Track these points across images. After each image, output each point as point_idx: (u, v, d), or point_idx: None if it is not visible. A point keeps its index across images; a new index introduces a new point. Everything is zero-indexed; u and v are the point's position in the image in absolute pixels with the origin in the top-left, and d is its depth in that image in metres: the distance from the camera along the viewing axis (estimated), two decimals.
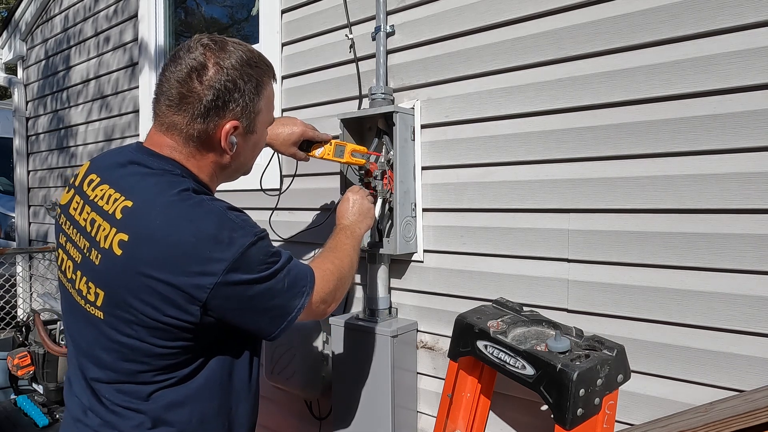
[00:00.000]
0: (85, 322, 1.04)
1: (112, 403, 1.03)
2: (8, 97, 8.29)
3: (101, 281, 1.00)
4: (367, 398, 1.77)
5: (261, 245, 1.03)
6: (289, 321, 1.07)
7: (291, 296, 1.07)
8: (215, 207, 1.02)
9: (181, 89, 1.03)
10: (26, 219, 4.60)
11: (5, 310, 4.08)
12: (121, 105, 3.43)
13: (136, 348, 0.99)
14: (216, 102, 1.04)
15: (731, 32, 1.26)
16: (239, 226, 1.01)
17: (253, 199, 2.40)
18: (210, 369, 1.07)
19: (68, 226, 1.10)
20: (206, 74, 1.03)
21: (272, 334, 1.07)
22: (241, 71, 1.07)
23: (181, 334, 0.99)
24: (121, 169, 1.08)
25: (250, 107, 1.09)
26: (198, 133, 1.06)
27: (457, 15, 1.74)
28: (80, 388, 1.07)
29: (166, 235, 0.96)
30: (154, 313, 0.96)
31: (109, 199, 1.02)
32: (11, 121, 4.72)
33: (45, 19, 4.31)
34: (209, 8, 3.42)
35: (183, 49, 1.06)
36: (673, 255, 1.34)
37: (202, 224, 0.98)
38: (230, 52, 1.07)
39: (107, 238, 0.99)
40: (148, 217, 0.98)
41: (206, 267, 0.96)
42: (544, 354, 1.22)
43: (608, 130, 1.44)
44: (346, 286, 1.25)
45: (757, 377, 1.23)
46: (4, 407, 2.58)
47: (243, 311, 1.02)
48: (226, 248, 0.97)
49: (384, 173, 1.77)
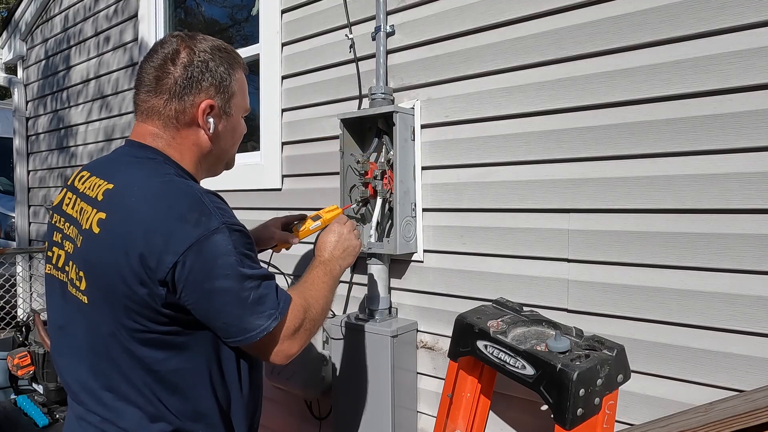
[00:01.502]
0: (77, 315, 1.05)
1: (111, 399, 1.03)
2: (8, 97, 8.29)
3: (83, 263, 1.02)
4: (367, 398, 1.77)
5: (232, 236, 1.00)
6: (248, 338, 1.01)
7: (254, 312, 1.00)
8: (191, 189, 1.03)
9: (156, 73, 1.10)
10: (26, 219, 4.60)
11: (5, 310, 4.08)
12: (121, 105, 3.43)
13: (118, 336, 0.99)
14: (189, 80, 1.10)
15: (731, 32, 1.26)
16: (210, 211, 1.00)
17: (253, 199, 2.41)
18: (201, 363, 1.06)
19: (62, 222, 1.11)
20: (179, 57, 1.10)
21: (228, 340, 1.03)
22: (212, 53, 1.13)
23: (156, 317, 0.99)
24: (109, 162, 1.14)
25: (224, 87, 1.14)
26: (175, 113, 1.10)
27: (457, 15, 1.74)
28: (77, 386, 1.07)
29: (139, 211, 0.98)
30: (128, 291, 0.96)
31: (93, 186, 1.06)
32: (11, 121, 4.72)
33: (45, 19, 4.31)
34: (209, 8, 3.42)
35: (158, 44, 1.14)
36: (673, 255, 1.34)
37: (174, 202, 0.99)
38: (201, 40, 1.14)
39: (88, 220, 1.02)
40: (126, 196, 1.01)
41: (170, 244, 0.95)
42: (544, 354, 1.22)
43: (608, 130, 1.44)
44: (315, 329, 1.15)
45: (757, 377, 1.23)
46: (4, 407, 2.58)
47: (200, 301, 0.98)
48: (192, 228, 0.97)
49: (384, 173, 1.77)
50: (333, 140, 2.08)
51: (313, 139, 2.18)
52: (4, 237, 6.23)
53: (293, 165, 2.29)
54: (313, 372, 1.97)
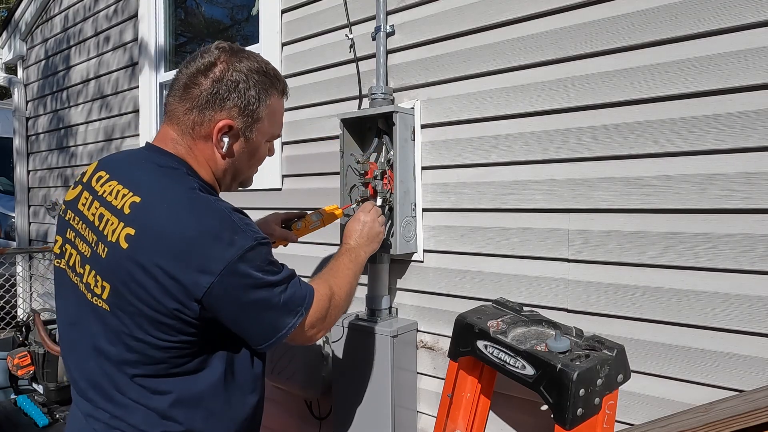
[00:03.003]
0: (92, 315, 1.05)
1: (121, 397, 1.03)
2: (8, 97, 8.29)
3: (107, 274, 1.02)
4: (367, 398, 1.77)
5: (261, 251, 1.03)
6: (278, 337, 1.06)
7: (284, 312, 1.06)
8: (220, 207, 1.04)
9: (187, 80, 1.10)
10: (26, 219, 4.60)
11: (5, 310, 4.08)
12: (121, 105, 3.43)
13: (141, 340, 1.00)
14: (214, 95, 1.09)
15: (731, 32, 1.26)
16: (241, 229, 1.02)
17: (253, 199, 2.41)
18: (214, 364, 1.08)
19: (77, 221, 1.11)
20: (212, 70, 1.10)
21: (260, 346, 1.07)
22: (247, 75, 1.11)
23: (184, 329, 1.00)
24: (129, 167, 1.11)
25: (249, 111, 1.12)
26: (192, 124, 1.10)
27: (457, 15, 1.74)
28: (86, 383, 1.07)
29: (170, 230, 0.98)
30: (157, 305, 0.97)
31: (117, 195, 1.05)
32: (11, 121, 4.72)
33: (45, 19, 4.32)
34: (209, 8, 3.42)
35: (201, 51, 1.13)
36: (673, 255, 1.34)
37: (205, 221, 1.00)
38: (242, 58, 1.12)
39: (114, 232, 1.01)
40: (155, 212, 1.00)
41: (206, 264, 0.97)
42: (544, 354, 1.22)
43: (608, 130, 1.44)
44: (339, 315, 1.23)
45: (757, 377, 1.23)
46: (4, 407, 2.58)
47: (236, 316, 1.03)
48: (227, 248, 0.99)
49: (384, 173, 1.77)
50: (333, 140, 2.08)
51: (313, 139, 2.18)
52: (4, 237, 6.23)
53: (293, 165, 2.29)
54: (313, 372, 1.97)
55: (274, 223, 1.56)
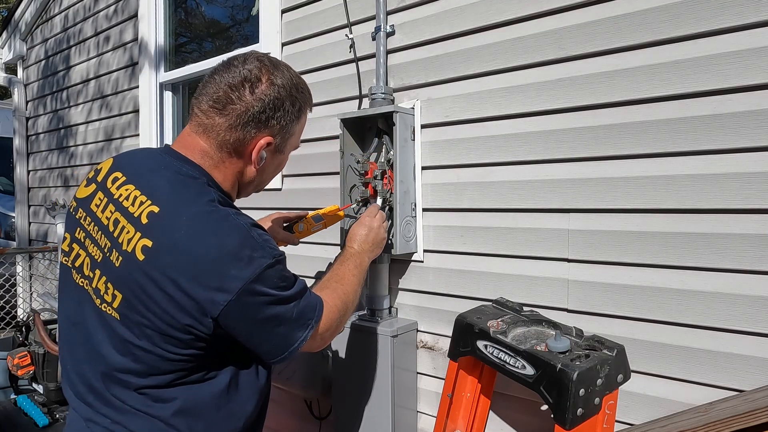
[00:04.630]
0: (99, 321, 1.04)
1: (122, 404, 1.03)
2: (8, 97, 8.29)
3: (120, 283, 1.00)
4: (367, 398, 1.77)
5: (278, 268, 1.03)
6: (290, 351, 1.07)
7: (297, 327, 1.07)
8: (240, 223, 1.02)
9: (231, 94, 1.07)
10: (26, 219, 4.60)
11: (5, 310, 4.09)
12: (121, 105, 3.43)
13: (149, 352, 0.99)
14: (261, 115, 1.09)
15: (731, 32, 1.26)
16: (260, 246, 1.01)
17: (253, 199, 2.40)
18: (219, 375, 1.08)
19: (88, 221, 1.08)
20: (259, 86, 1.09)
21: (272, 360, 1.08)
22: (289, 92, 1.13)
23: (194, 343, 1.00)
24: (148, 171, 1.08)
25: (287, 128, 1.15)
26: (233, 141, 1.09)
27: (457, 15, 1.74)
28: (85, 387, 1.07)
29: (189, 246, 0.97)
30: (170, 320, 0.97)
31: (134, 201, 1.02)
32: (11, 121, 4.72)
33: (45, 18, 4.32)
34: (209, 8, 3.42)
35: (237, 59, 1.11)
36: (673, 255, 1.34)
37: (225, 239, 0.98)
38: (282, 72, 1.13)
39: (131, 242, 0.99)
40: (174, 226, 0.98)
41: (223, 283, 0.96)
42: (544, 354, 1.22)
43: (608, 130, 1.44)
44: (345, 322, 1.25)
45: (757, 377, 1.23)
46: (4, 407, 2.58)
47: (250, 332, 1.03)
48: (245, 267, 0.98)
49: (384, 173, 1.77)
50: (333, 140, 2.08)
51: (313, 139, 2.18)
52: (4, 237, 6.24)
53: (293, 165, 2.28)
54: (313, 372, 1.97)
55: (276, 224, 1.56)
